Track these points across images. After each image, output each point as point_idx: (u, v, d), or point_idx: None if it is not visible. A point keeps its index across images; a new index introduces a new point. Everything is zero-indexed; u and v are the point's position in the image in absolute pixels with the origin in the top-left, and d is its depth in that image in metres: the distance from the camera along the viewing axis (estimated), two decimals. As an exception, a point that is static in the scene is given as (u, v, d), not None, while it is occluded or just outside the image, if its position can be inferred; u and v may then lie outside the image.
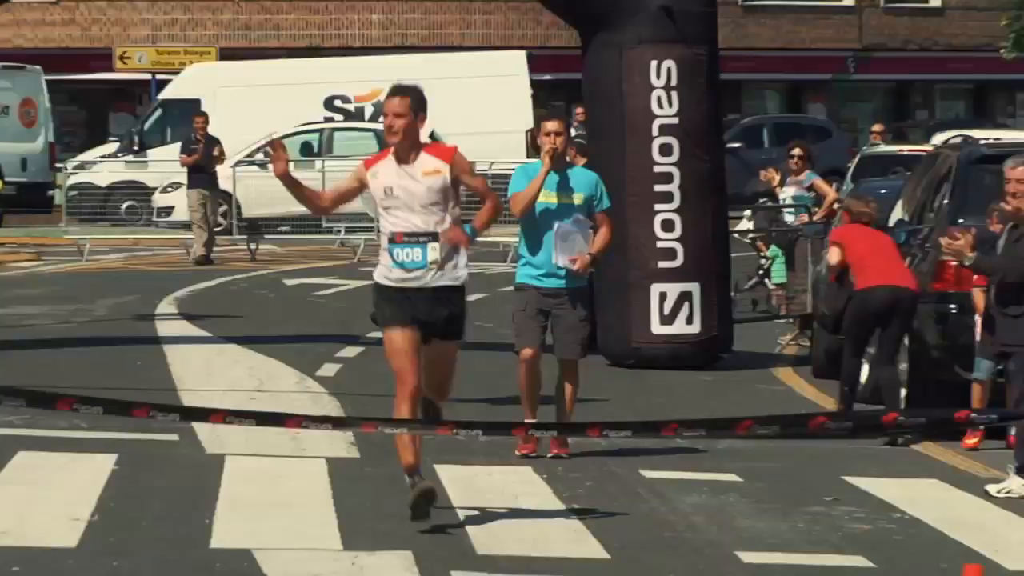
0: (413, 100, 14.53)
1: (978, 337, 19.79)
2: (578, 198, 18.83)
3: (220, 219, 45.99)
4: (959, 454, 19.51)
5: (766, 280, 32.71)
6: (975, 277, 19.92)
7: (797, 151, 30.10)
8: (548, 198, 18.50)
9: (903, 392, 21.68)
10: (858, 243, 22.43)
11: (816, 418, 11.54)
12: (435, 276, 14.61)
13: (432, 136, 51.23)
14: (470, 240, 14.78)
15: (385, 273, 14.89)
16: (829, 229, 26.16)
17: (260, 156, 50.32)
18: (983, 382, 19.70)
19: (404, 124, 14.53)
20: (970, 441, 19.87)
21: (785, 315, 31.31)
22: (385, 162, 14.77)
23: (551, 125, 19.11)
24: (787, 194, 30.46)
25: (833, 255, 23.04)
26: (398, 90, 14.88)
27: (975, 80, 75.27)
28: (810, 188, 30.12)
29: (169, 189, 52.55)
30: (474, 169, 15.33)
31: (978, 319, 19.73)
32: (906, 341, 21.59)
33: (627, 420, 12.45)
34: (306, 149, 54.01)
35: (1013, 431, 18.60)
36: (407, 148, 14.59)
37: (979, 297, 19.85)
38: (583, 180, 19.21)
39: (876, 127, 54.97)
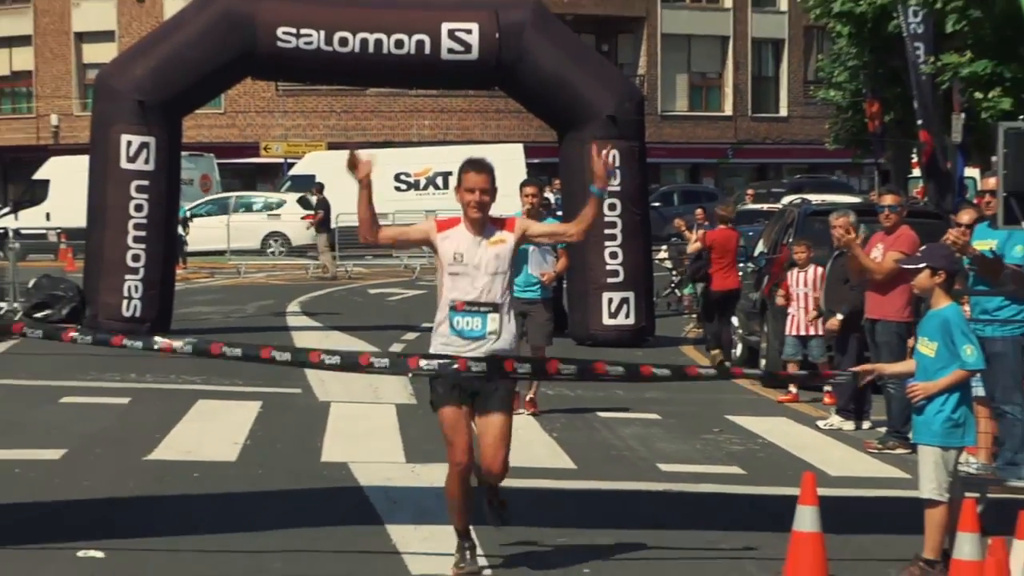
0: (493, 177, 10.44)
1: (788, 328, 19.71)
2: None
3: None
4: (801, 403, 19.38)
5: (676, 290, 32.69)
6: (780, 290, 19.97)
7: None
8: None
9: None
10: (717, 249, 23.21)
11: (692, 367, 11.51)
12: (489, 346, 10.07)
13: None
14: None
15: (441, 341, 10.16)
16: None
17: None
18: (795, 361, 19.62)
19: (487, 200, 10.26)
20: (783, 397, 19.78)
21: (688, 312, 31.20)
22: (457, 228, 10.26)
23: (528, 189, 18.34)
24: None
25: (694, 246, 23.89)
26: (480, 166, 10.48)
27: (808, 162, 75.03)
28: None
29: None
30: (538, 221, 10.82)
31: (791, 316, 19.67)
32: (766, 328, 21.57)
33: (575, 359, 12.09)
34: (223, 207, 54.41)
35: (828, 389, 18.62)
36: (482, 221, 10.23)
37: (780, 300, 19.89)
38: None
39: (749, 191, 54.85)
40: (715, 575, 10.64)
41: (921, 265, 10.59)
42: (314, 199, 47.83)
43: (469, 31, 25.95)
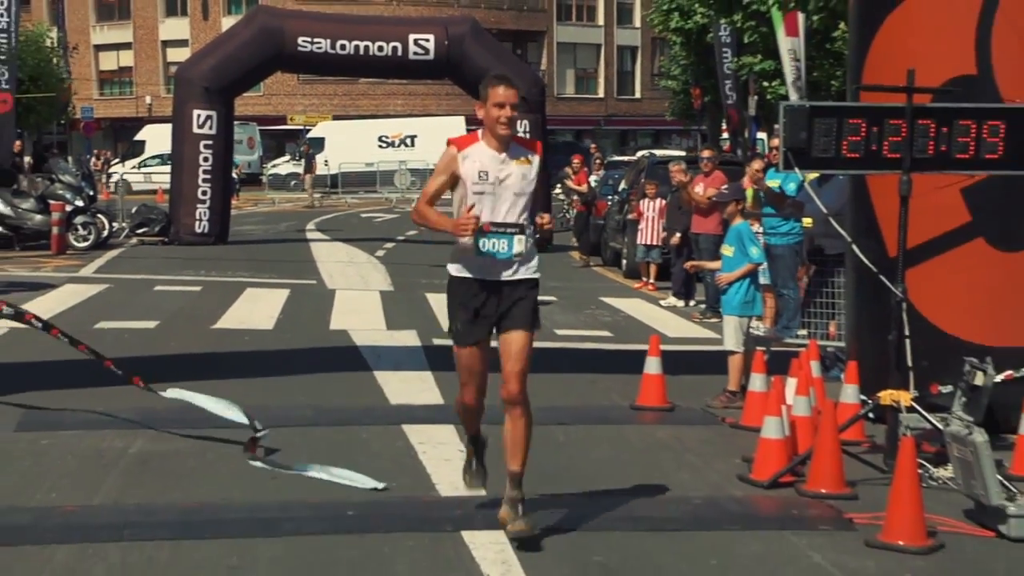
0: (520, 92, 6.88)
1: (639, 239, 19.72)
2: None
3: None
4: (648, 289, 19.45)
5: (567, 214, 32.50)
6: (635, 212, 19.96)
7: (597, 156, 29.43)
8: None
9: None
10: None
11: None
12: (514, 271, 6.56)
13: None
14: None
15: (463, 264, 6.58)
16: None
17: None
18: (644, 262, 19.66)
19: (515, 116, 6.72)
20: (638, 285, 19.81)
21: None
22: (478, 145, 6.66)
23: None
24: (594, 179, 29.63)
25: (582, 187, 24.47)
26: (508, 81, 6.73)
27: (655, 128, 75.02)
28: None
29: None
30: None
31: (640, 230, 19.67)
32: (626, 239, 21.52)
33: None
34: (165, 160, 51.23)
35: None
36: (508, 139, 6.66)
37: (634, 216, 19.90)
38: None
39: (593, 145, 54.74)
40: (593, 402, 10.69)
41: (729, 198, 11.01)
42: (306, 153, 49.21)
43: (428, 40, 26.06)
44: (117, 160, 56.22)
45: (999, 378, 8.31)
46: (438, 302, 16.77)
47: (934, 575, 6.28)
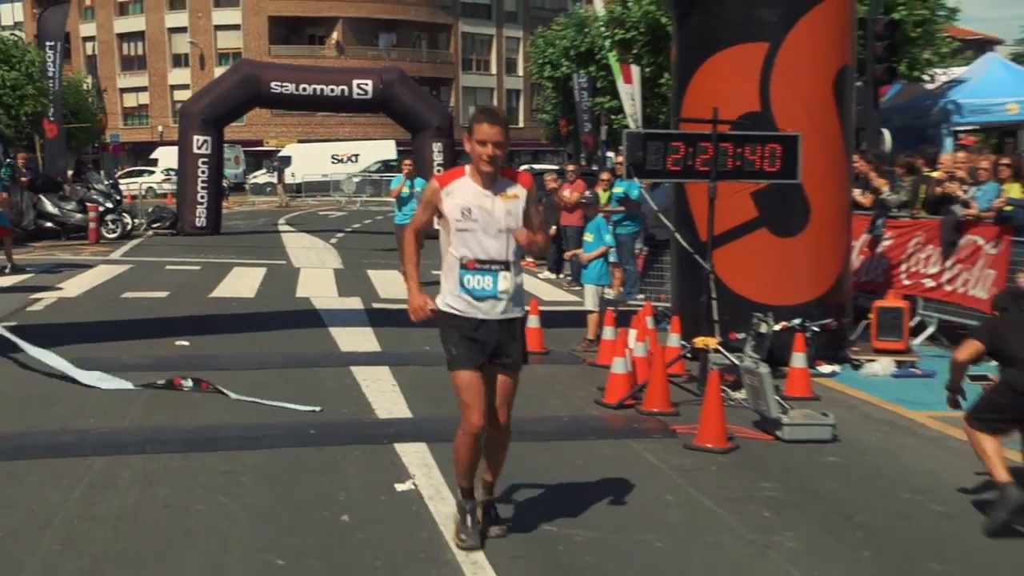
0: (507, 129, 4.78)
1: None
2: None
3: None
4: (530, 266, 19.38)
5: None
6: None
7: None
8: None
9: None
10: None
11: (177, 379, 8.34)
12: (502, 309, 4.68)
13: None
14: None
15: (450, 301, 4.72)
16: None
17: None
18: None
19: (500, 154, 4.68)
20: (552, 276, 19.70)
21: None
22: (461, 181, 4.70)
23: (407, 160, 16.59)
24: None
25: None
26: (494, 117, 4.72)
27: (534, 149, 74.91)
28: None
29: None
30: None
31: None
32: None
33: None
34: (139, 173, 49.94)
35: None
36: (493, 175, 4.69)
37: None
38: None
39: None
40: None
41: (593, 201, 11.10)
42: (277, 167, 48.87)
43: (367, 84, 25.78)
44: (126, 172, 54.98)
45: (777, 327, 8.49)
46: (378, 277, 16.64)
47: (732, 468, 6.40)
